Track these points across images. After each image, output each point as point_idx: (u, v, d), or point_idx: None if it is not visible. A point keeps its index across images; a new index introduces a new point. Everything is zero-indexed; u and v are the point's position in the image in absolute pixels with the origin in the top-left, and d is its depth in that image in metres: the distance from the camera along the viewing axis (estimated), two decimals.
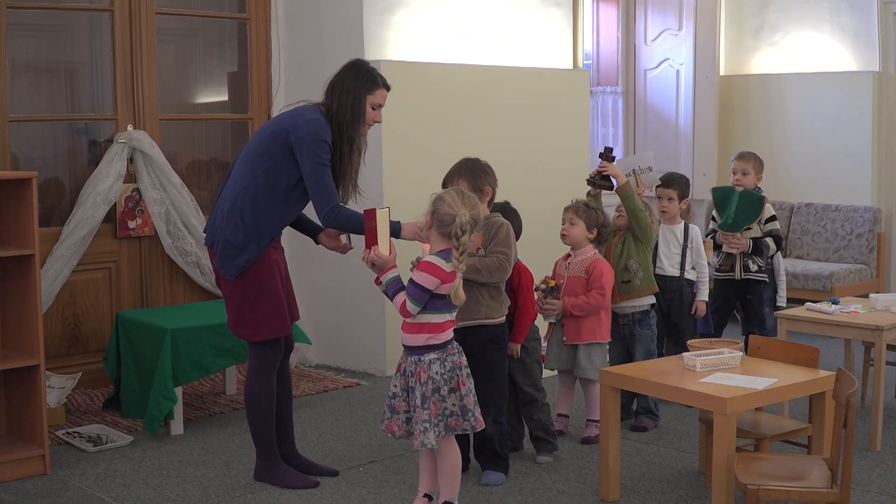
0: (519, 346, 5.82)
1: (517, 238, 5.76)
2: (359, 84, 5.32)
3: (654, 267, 6.60)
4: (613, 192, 6.38)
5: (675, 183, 6.85)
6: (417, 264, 4.77)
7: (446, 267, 4.66)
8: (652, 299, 6.44)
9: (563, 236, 6.28)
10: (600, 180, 6.34)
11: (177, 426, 6.36)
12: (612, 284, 6.20)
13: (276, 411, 5.52)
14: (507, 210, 5.84)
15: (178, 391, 6.28)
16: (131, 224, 7.30)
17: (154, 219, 7.33)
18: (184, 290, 7.65)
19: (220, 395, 7.24)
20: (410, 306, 4.67)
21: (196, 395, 7.17)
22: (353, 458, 5.95)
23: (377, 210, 4.74)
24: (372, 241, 4.73)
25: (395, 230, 5.04)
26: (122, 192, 7.19)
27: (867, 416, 6.30)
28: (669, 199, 6.80)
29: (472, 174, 5.49)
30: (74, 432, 6.21)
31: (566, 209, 6.27)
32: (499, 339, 5.49)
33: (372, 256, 4.73)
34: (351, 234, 5.49)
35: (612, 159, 6.36)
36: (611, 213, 6.54)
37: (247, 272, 5.26)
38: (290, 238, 8.22)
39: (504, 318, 5.53)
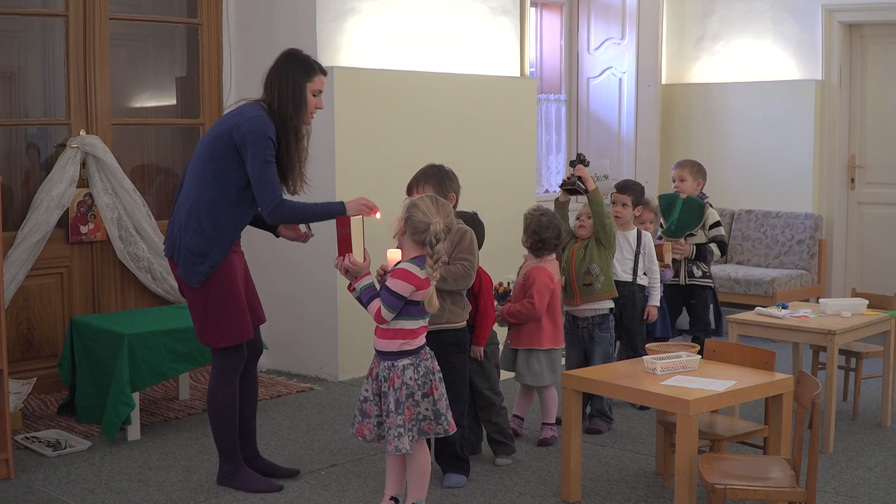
0: (482, 348, 5.89)
1: (479, 247, 5.86)
2: (297, 73, 5.30)
3: None
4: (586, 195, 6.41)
5: (631, 189, 6.96)
6: (391, 271, 4.79)
7: (420, 274, 4.68)
8: (611, 304, 6.53)
9: None
10: (580, 183, 6.38)
11: (134, 431, 6.33)
12: (548, 293, 6.20)
13: (241, 415, 5.54)
14: (475, 221, 5.91)
15: (136, 397, 6.27)
16: (83, 229, 7.26)
17: (106, 224, 7.29)
18: (135, 296, 7.62)
19: (174, 400, 7.22)
20: (385, 313, 4.69)
21: (150, 400, 7.13)
22: (314, 462, 5.97)
23: (351, 217, 4.77)
24: (346, 248, 4.74)
25: (340, 210, 5.12)
26: (74, 196, 7.14)
27: (819, 418, 6.43)
28: (623, 204, 6.90)
29: (437, 180, 5.54)
30: (33, 437, 6.17)
31: None
32: (460, 344, 5.54)
33: (346, 264, 4.75)
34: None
35: (587, 164, 6.43)
36: (573, 219, 6.60)
37: (210, 278, 5.27)
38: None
39: (465, 322, 5.59)
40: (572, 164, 6.48)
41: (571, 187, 6.43)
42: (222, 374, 5.42)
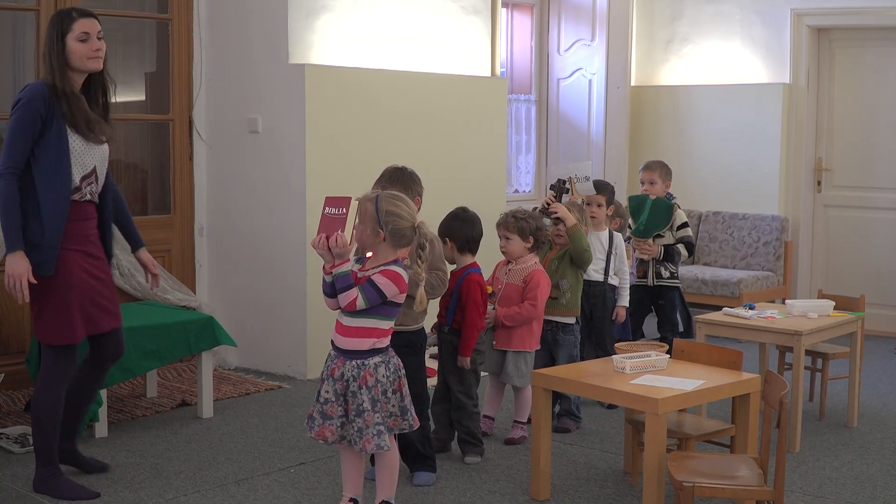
0: (468, 359, 5.91)
1: (478, 244, 5.87)
2: (53, 32, 5.10)
3: None
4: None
5: (604, 189, 7.00)
6: (381, 269, 4.67)
7: (407, 278, 4.68)
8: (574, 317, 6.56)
9: (504, 253, 6.34)
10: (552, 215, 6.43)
11: (101, 429, 6.31)
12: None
13: (77, 403, 5.52)
14: (465, 216, 5.93)
15: (104, 394, 6.23)
16: None
17: None
18: None
19: (141, 397, 7.19)
20: (360, 304, 4.61)
21: (116, 397, 7.10)
22: (283, 460, 5.96)
23: (350, 199, 4.60)
24: (333, 227, 4.54)
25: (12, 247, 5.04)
26: None
27: (786, 417, 6.47)
28: (599, 204, 6.93)
29: (403, 184, 5.51)
30: (0, 433, 6.14)
31: (497, 226, 6.31)
32: (414, 345, 5.49)
33: (334, 244, 4.52)
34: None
35: (567, 191, 6.48)
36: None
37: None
38: (208, 237, 8.22)
39: (421, 325, 5.55)
40: (553, 188, 6.53)
41: (546, 215, 6.48)
42: (47, 376, 5.36)
